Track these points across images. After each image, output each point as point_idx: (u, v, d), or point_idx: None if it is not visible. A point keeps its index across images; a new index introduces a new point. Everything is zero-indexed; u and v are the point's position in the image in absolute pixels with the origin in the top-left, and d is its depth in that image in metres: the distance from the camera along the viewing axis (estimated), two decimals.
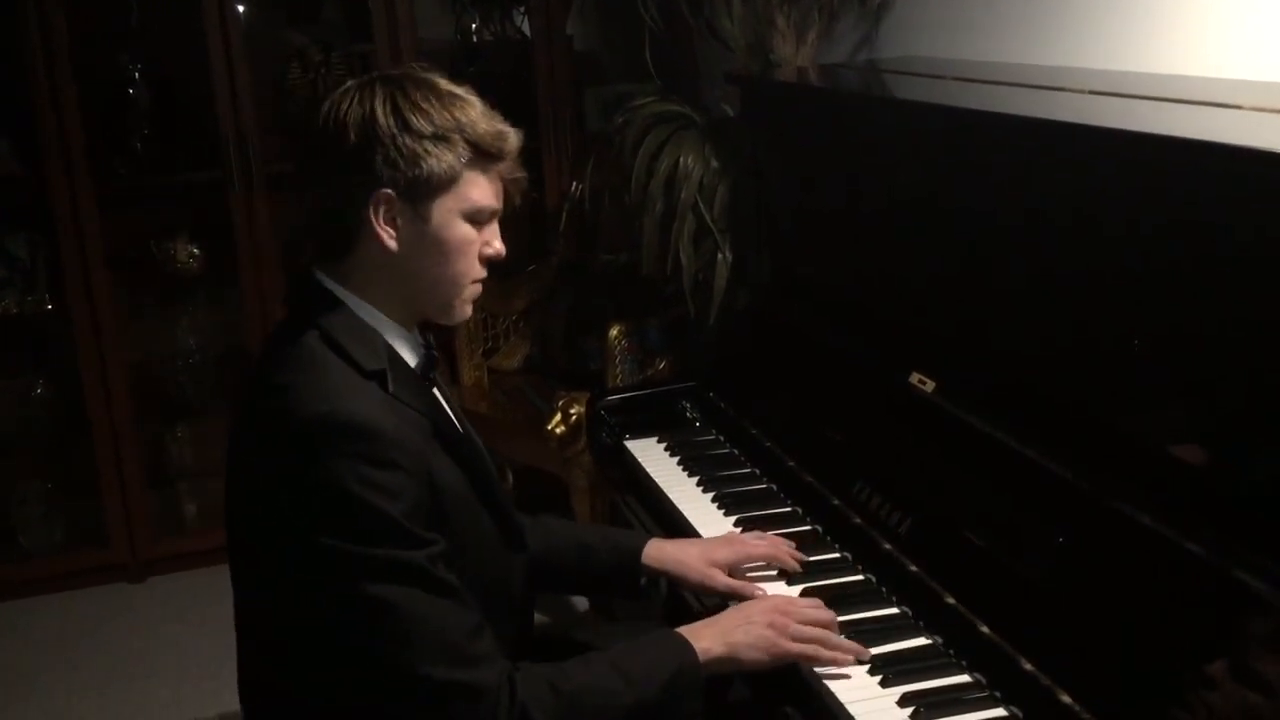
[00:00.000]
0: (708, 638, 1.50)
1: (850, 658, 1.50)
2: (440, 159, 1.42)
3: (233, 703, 1.61)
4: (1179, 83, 1.74)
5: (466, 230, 1.47)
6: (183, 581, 3.58)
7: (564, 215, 3.51)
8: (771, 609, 1.54)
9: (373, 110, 1.41)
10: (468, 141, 1.44)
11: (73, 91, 3.28)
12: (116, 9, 3.50)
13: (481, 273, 1.52)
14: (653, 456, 2.22)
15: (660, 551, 1.74)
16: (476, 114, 1.46)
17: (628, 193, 2.77)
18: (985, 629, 1.47)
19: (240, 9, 3.38)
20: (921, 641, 1.55)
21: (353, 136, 1.41)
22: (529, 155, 3.68)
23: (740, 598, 1.65)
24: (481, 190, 1.47)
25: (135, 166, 3.57)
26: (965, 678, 1.46)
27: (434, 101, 1.43)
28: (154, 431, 3.75)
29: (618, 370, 2.99)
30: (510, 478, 3.38)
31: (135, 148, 3.56)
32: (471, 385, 3.41)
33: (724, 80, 2.65)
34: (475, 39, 3.88)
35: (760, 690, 1.58)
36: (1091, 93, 1.73)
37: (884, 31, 2.64)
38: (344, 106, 1.43)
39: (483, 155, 1.45)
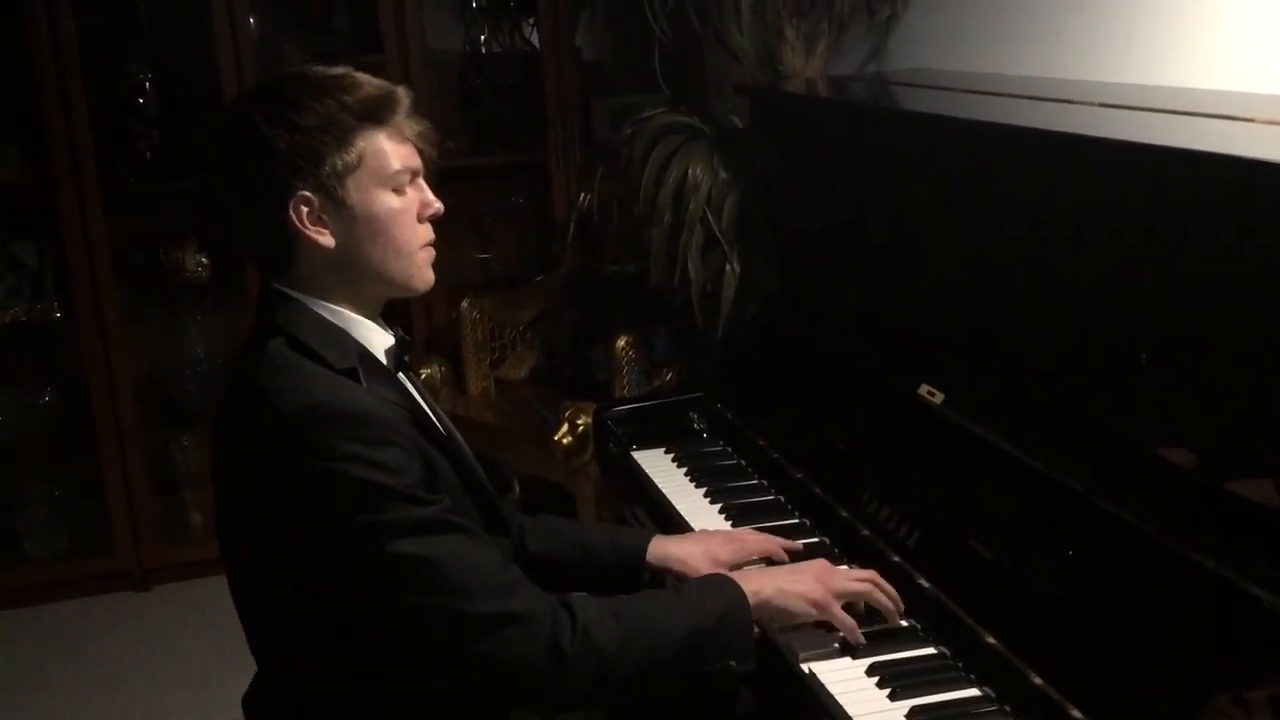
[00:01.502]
0: (756, 581, 1.54)
1: (895, 611, 1.57)
2: (336, 142, 1.41)
3: (240, 712, 1.61)
4: (1189, 95, 1.74)
5: (391, 200, 1.46)
6: (188, 589, 3.57)
7: (572, 226, 3.51)
8: (820, 567, 1.60)
9: (254, 125, 1.40)
10: (355, 114, 1.42)
11: (81, 98, 3.29)
12: (126, 16, 3.51)
13: (428, 235, 1.51)
14: (660, 467, 2.21)
15: (664, 549, 1.75)
16: (354, 82, 1.44)
17: (636, 204, 2.76)
18: (994, 642, 1.46)
19: (250, 18, 3.39)
20: (930, 654, 1.54)
21: (246, 159, 1.41)
22: (538, 166, 3.73)
23: None
24: (390, 155, 1.45)
25: (143, 173, 3.57)
26: (974, 691, 1.46)
27: (310, 90, 1.42)
28: (160, 439, 3.75)
29: (625, 381, 2.99)
30: (517, 488, 3.37)
31: (144, 154, 3.57)
32: (478, 395, 3.41)
33: (733, 91, 2.65)
34: (484, 50, 3.88)
35: (766, 702, 1.57)
36: (1101, 105, 1.73)
37: (893, 44, 2.64)
38: (227, 132, 1.44)
39: (374, 120, 1.43)
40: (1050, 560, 1.47)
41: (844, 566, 1.67)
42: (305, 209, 1.42)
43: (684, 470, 2.18)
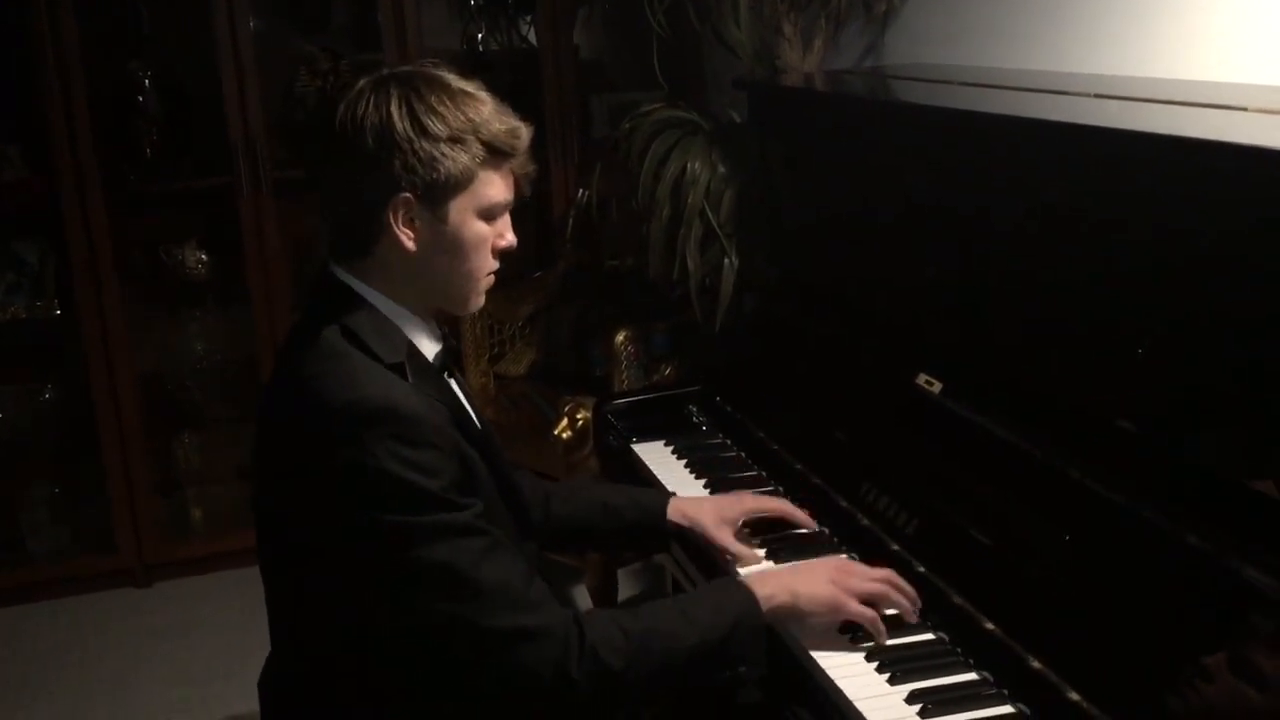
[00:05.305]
0: (771, 585, 1.55)
1: (911, 610, 1.56)
2: (456, 161, 1.43)
3: (241, 706, 1.62)
4: (1184, 86, 1.76)
5: (482, 227, 1.50)
6: (189, 586, 3.58)
7: (571, 222, 3.53)
8: (835, 566, 1.60)
9: (389, 114, 1.42)
10: (482, 141, 1.45)
11: (83, 97, 3.30)
12: (127, 16, 3.53)
13: (495, 264, 1.55)
14: (660, 460, 2.22)
15: (678, 508, 1.83)
16: (489, 112, 1.47)
17: (634, 199, 2.78)
18: (993, 627, 1.47)
19: (250, 18, 3.40)
20: (929, 639, 1.56)
21: (370, 141, 1.42)
22: (537, 163, 3.72)
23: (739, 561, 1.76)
24: (496, 187, 1.49)
25: (145, 173, 3.59)
26: (973, 675, 1.47)
27: (448, 102, 1.44)
28: (162, 437, 3.77)
29: (624, 375, 3.00)
30: None
31: (145, 154, 3.58)
32: (478, 391, 3.42)
33: (732, 86, 2.66)
34: (482, 48, 3.90)
35: (770, 691, 1.58)
36: (1096, 96, 1.74)
37: (890, 39, 2.66)
38: (360, 110, 1.43)
39: (497, 154, 1.47)
40: (1047, 546, 1.48)
41: (860, 564, 1.66)
42: (402, 210, 1.44)
43: (684, 462, 2.19)
